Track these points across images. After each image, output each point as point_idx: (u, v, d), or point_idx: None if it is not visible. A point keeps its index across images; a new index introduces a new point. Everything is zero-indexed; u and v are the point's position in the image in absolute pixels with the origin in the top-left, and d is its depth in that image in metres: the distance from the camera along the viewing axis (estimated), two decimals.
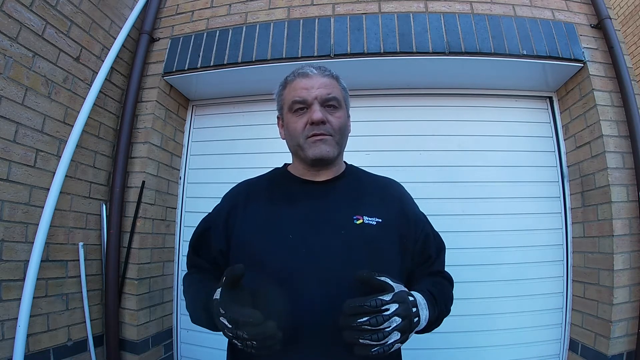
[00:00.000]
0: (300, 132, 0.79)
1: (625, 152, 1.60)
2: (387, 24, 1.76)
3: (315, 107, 0.78)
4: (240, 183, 0.93)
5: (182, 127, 2.08)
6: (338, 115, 0.81)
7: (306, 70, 0.82)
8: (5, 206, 1.28)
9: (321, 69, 0.83)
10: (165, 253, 1.90)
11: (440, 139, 1.92)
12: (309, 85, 0.79)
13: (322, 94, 0.79)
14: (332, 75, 0.84)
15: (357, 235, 0.76)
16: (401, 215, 0.84)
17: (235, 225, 0.81)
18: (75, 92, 1.58)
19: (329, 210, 0.79)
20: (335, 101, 0.81)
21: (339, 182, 0.85)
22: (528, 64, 1.71)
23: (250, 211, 0.82)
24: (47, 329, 1.40)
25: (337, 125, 0.80)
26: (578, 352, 1.62)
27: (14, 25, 1.32)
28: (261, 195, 0.85)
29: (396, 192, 0.90)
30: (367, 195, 0.84)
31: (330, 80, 0.82)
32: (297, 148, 0.82)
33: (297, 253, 0.74)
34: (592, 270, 1.62)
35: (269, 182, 0.89)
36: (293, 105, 0.80)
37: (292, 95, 0.81)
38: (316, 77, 0.80)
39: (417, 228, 0.85)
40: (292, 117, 0.81)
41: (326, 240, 0.75)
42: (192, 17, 1.95)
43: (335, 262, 0.73)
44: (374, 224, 0.78)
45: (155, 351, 1.74)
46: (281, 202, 0.82)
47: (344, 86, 0.87)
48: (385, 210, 0.81)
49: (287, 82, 0.84)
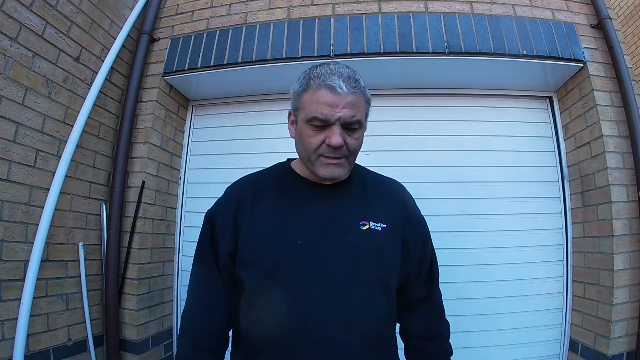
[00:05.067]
0: (314, 149, 0.74)
1: (625, 152, 1.60)
2: (387, 24, 1.76)
3: (336, 130, 0.72)
4: (243, 178, 0.89)
5: (182, 127, 2.08)
6: (356, 136, 0.76)
7: (335, 84, 0.71)
8: (5, 206, 1.28)
9: (350, 84, 0.73)
10: (165, 253, 1.89)
11: (440, 139, 1.92)
12: (334, 103, 0.71)
13: (346, 116, 0.72)
14: (360, 89, 0.75)
15: (363, 242, 0.77)
16: (405, 219, 0.85)
17: (243, 222, 0.78)
18: (75, 92, 1.58)
19: (336, 215, 0.79)
20: (357, 124, 0.75)
21: (346, 186, 0.84)
22: (528, 64, 1.71)
23: (259, 211, 0.79)
24: (47, 329, 1.40)
25: (354, 147, 0.76)
26: (578, 352, 1.62)
27: (14, 25, 1.32)
28: (268, 193, 0.82)
29: (400, 196, 0.90)
30: (373, 200, 0.84)
31: (356, 99, 0.74)
32: (307, 160, 0.78)
33: (305, 258, 0.74)
34: (592, 271, 1.62)
35: (275, 179, 0.86)
36: (313, 120, 0.73)
37: (314, 108, 0.72)
38: (344, 95, 0.71)
39: (418, 231, 0.87)
40: (309, 129, 0.75)
41: (333, 245, 0.75)
42: (192, 17, 1.95)
43: (342, 267, 0.74)
44: (379, 229, 0.79)
45: (155, 351, 1.74)
46: (290, 204, 0.80)
47: (368, 98, 0.80)
48: (390, 215, 0.82)
49: (309, 86, 0.75)
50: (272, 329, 0.72)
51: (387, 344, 0.80)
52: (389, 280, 0.79)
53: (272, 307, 0.73)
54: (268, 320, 0.73)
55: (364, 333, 0.73)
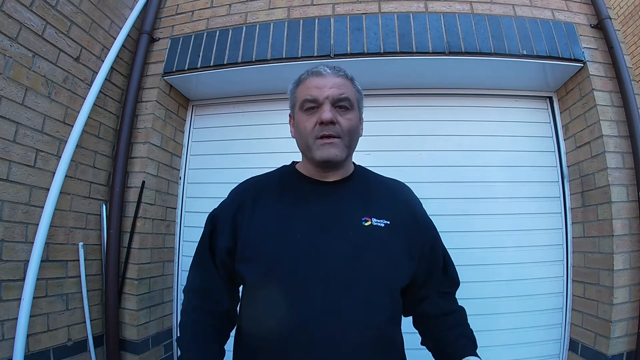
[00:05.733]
0: (309, 132, 0.78)
1: (625, 152, 1.60)
2: (387, 24, 1.76)
3: (325, 106, 0.77)
4: (248, 180, 0.91)
5: (182, 127, 2.08)
6: (349, 117, 0.79)
7: (320, 69, 0.81)
8: (5, 206, 1.28)
9: (335, 69, 0.82)
10: (165, 253, 1.89)
11: (440, 139, 1.92)
12: (322, 84, 0.78)
13: (333, 94, 0.77)
14: (347, 75, 0.83)
15: (365, 238, 0.76)
16: (411, 219, 0.84)
17: (243, 223, 0.80)
18: (75, 92, 1.58)
19: (337, 212, 0.79)
20: (347, 102, 0.79)
21: (348, 184, 0.84)
22: (528, 64, 1.71)
23: (260, 209, 0.81)
24: (47, 329, 1.40)
25: (347, 127, 0.78)
26: (578, 352, 1.62)
27: (14, 25, 1.32)
28: (271, 193, 0.84)
29: (405, 195, 0.89)
30: (376, 197, 0.83)
31: (343, 81, 0.81)
32: (305, 148, 0.81)
33: (305, 256, 0.74)
34: (592, 270, 1.62)
35: (279, 180, 0.88)
36: (304, 104, 0.79)
37: (304, 93, 0.80)
38: (329, 77, 0.79)
39: (427, 232, 0.86)
40: (303, 115, 0.80)
41: (334, 242, 0.75)
42: (192, 17, 1.95)
43: (342, 264, 0.73)
44: (382, 226, 0.78)
45: (155, 351, 1.74)
46: (291, 202, 0.81)
47: (358, 88, 0.85)
48: (394, 213, 0.81)
49: (300, 80, 0.84)
50: (272, 328, 0.72)
51: (391, 342, 0.78)
52: (393, 278, 0.78)
53: (272, 306, 0.72)
54: (268, 320, 0.73)
55: (365, 332, 0.72)
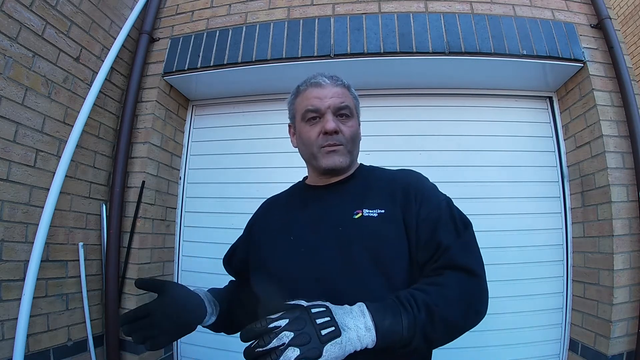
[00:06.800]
0: (313, 141, 0.80)
1: (625, 152, 1.60)
2: (387, 24, 1.76)
3: (328, 116, 0.78)
4: (268, 198, 0.99)
5: (182, 127, 2.08)
6: (350, 124, 0.82)
7: (319, 79, 0.82)
8: (5, 206, 1.28)
9: (333, 79, 0.84)
10: (165, 253, 1.89)
11: (440, 139, 1.92)
12: (322, 95, 0.80)
13: (335, 104, 0.79)
14: (344, 84, 0.85)
15: (355, 230, 0.73)
16: (405, 199, 0.76)
17: (255, 235, 0.88)
18: (75, 92, 1.58)
19: (329, 210, 0.79)
20: (347, 110, 0.81)
21: (347, 183, 0.85)
22: (528, 64, 1.71)
23: (268, 220, 0.89)
24: (47, 329, 1.40)
25: (349, 135, 0.81)
26: (578, 352, 1.62)
27: (14, 25, 1.32)
28: (280, 205, 0.91)
29: (404, 179, 0.81)
30: (374, 190, 0.81)
31: (342, 90, 0.83)
32: (310, 157, 0.83)
33: (296, 252, 0.75)
34: (592, 270, 1.62)
35: (290, 193, 0.94)
36: (306, 114, 0.81)
37: (305, 104, 0.81)
38: (329, 87, 0.81)
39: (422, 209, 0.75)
40: (305, 126, 0.81)
41: (322, 237, 0.75)
42: (192, 17, 1.95)
43: (330, 259, 0.72)
44: (375, 215, 0.74)
45: (155, 351, 1.74)
46: (294, 209, 0.85)
47: (355, 95, 0.88)
48: (391, 201, 0.76)
49: (299, 91, 0.85)
50: None
51: None
52: (390, 269, 0.71)
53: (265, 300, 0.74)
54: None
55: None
